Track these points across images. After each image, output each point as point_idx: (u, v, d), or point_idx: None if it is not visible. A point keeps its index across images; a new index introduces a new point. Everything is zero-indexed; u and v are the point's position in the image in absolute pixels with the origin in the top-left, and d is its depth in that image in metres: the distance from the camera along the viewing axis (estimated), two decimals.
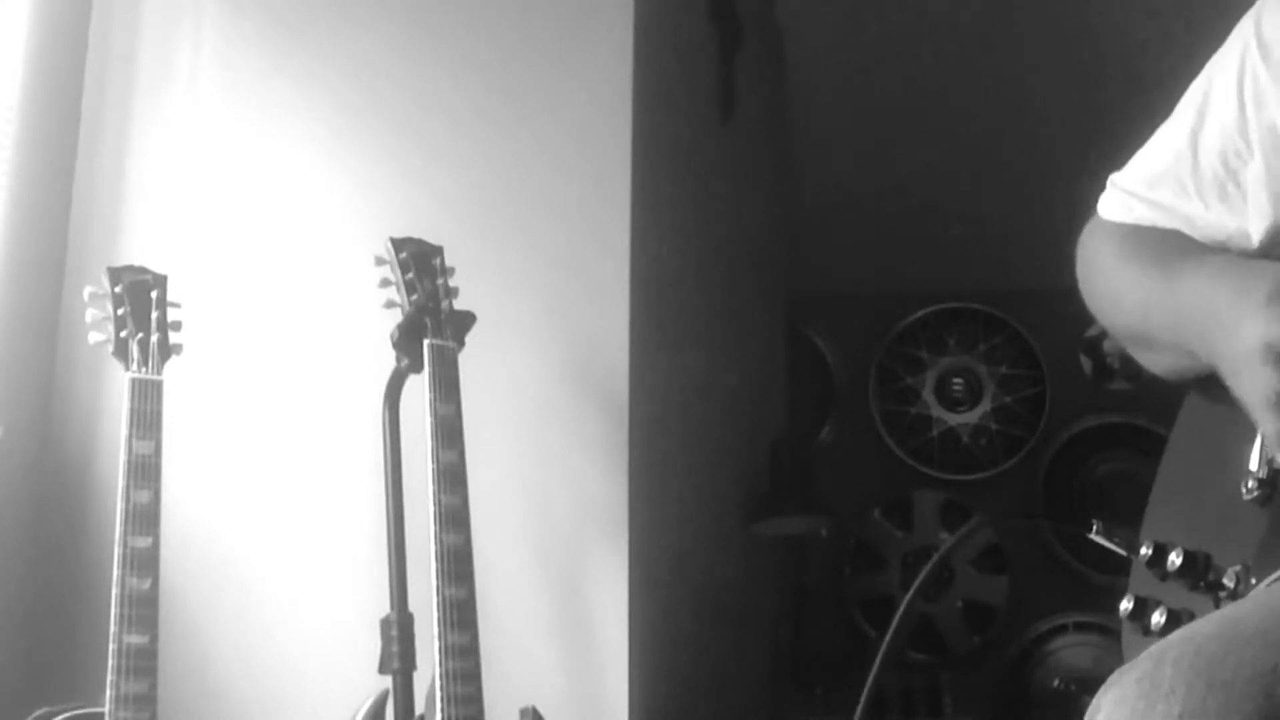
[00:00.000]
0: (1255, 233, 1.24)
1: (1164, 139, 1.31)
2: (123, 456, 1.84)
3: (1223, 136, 1.25)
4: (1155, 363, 1.26)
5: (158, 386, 1.90)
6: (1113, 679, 0.93)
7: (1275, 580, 1.09)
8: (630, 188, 2.27)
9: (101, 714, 1.77)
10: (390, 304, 2.00)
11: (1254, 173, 1.23)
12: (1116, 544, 1.24)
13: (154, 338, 1.92)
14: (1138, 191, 1.32)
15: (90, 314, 1.94)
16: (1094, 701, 0.93)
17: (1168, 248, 1.25)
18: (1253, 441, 1.16)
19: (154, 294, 1.96)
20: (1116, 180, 1.35)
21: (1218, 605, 1.11)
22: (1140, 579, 1.20)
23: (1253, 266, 1.14)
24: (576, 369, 2.24)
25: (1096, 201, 1.38)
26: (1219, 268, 1.16)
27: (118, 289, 1.94)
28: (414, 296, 1.98)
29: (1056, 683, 4.27)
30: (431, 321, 1.98)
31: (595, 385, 2.23)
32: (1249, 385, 1.09)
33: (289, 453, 2.26)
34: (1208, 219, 1.26)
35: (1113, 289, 1.31)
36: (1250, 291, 1.09)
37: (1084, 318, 1.37)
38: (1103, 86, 3.82)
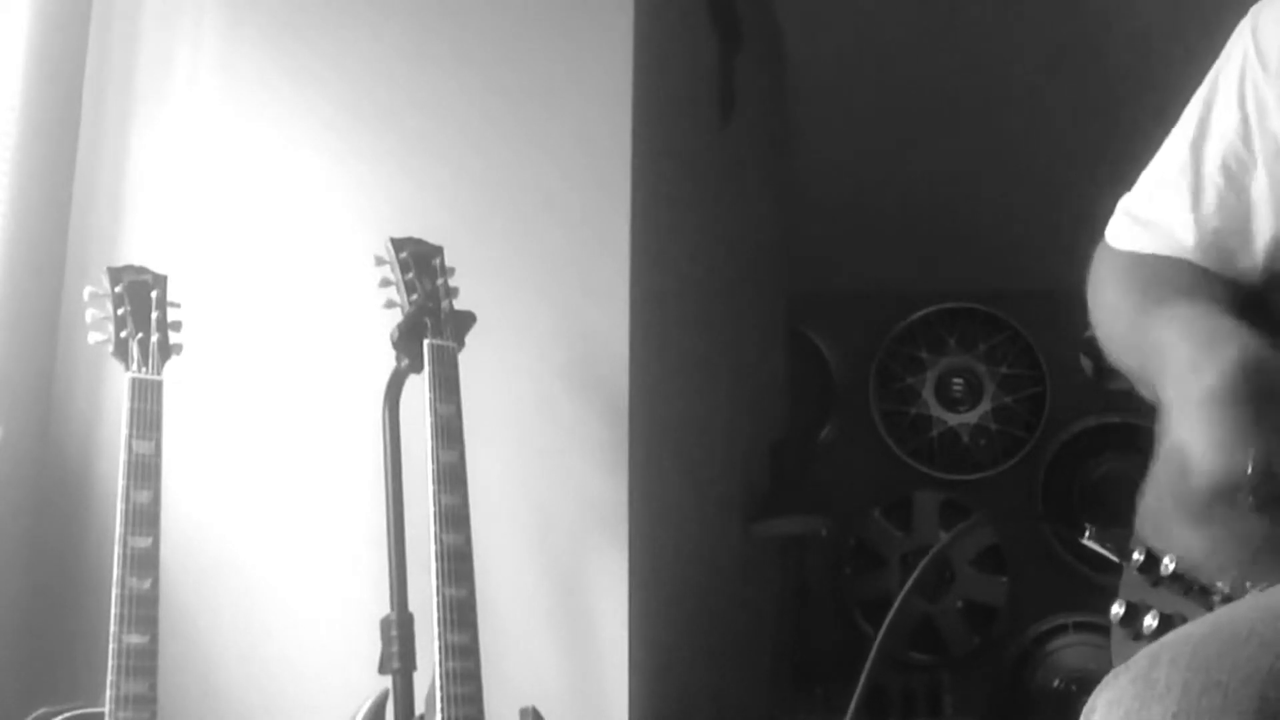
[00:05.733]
0: (1259, 248, 1.24)
1: (1168, 152, 1.31)
2: (123, 456, 1.84)
3: (1225, 146, 1.25)
4: (1147, 393, 1.27)
5: (158, 386, 1.90)
6: (1107, 679, 0.93)
7: (1269, 584, 1.08)
8: (630, 188, 2.27)
9: (101, 714, 1.77)
10: (390, 304, 2.00)
11: (1258, 184, 1.23)
12: (1109, 549, 1.23)
13: (154, 338, 1.92)
14: (1138, 213, 1.32)
15: (90, 314, 1.94)
16: (1089, 702, 0.93)
17: (1156, 284, 1.26)
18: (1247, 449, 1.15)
19: (154, 294, 1.96)
20: (1124, 204, 1.35)
21: (1211, 610, 1.11)
22: (1131, 584, 1.20)
23: (1209, 330, 1.13)
24: (576, 369, 2.24)
25: (1103, 210, 1.38)
26: (1183, 324, 1.16)
27: (118, 289, 1.94)
28: (414, 296, 1.98)
29: (1056, 683, 4.27)
30: (431, 321, 1.98)
31: (595, 385, 2.23)
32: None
33: (289, 452, 2.26)
34: (1202, 236, 1.26)
35: (1106, 320, 1.32)
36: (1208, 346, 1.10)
37: (1084, 318, 1.37)
38: (1105, 87, 3.82)
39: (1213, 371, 1.07)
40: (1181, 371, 1.11)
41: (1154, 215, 1.29)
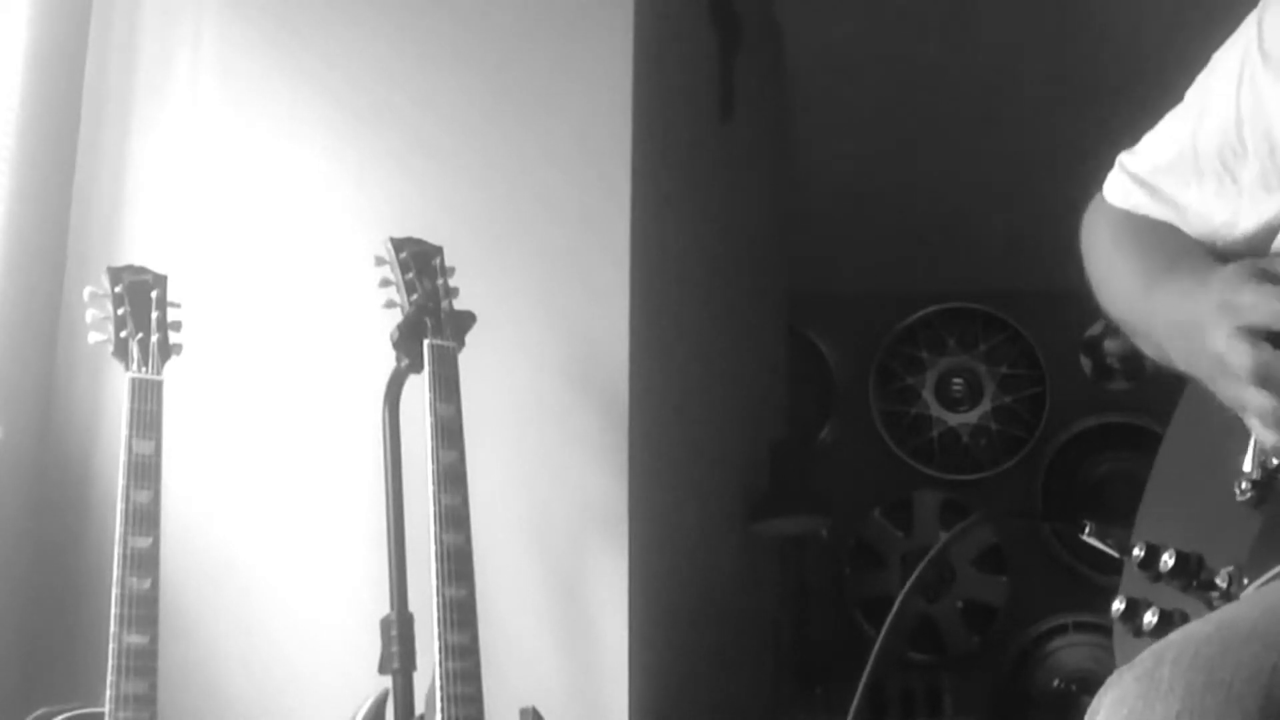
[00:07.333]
0: (1241, 235, 1.25)
1: (1169, 131, 1.33)
2: (123, 456, 1.84)
3: (1221, 136, 1.27)
4: (1146, 348, 1.28)
5: (158, 386, 1.90)
6: (1112, 679, 0.93)
7: (1269, 580, 1.09)
8: (630, 188, 2.27)
9: (101, 714, 1.77)
10: (390, 304, 2.00)
11: (1248, 173, 1.25)
12: (1109, 545, 1.24)
13: (154, 338, 1.92)
14: (1140, 176, 1.34)
15: (90, 314, 1.94)
16: (1094, 702, 0.93)
17: (1155, 247, 1.28)
18: (1246, 443, 1.16)
19: (154, 294, 1.96)
20: (1124, 162, 1.36)
21: (1210, 606, 1.11)
22: (1132, 580, 1.20)
23: (1208, 278, 1.17)
24: (576, 369, 2.24)
25: (1104, 177, 1.39)
26: (1185, 288, 1.20)
27: (118, 289, 1.94)
28: (414, 296, 1.98)
29: (1056, 683, 4.27)
30: (431, 321, 1.98)
31: (595, 385, 2.23)
32: (1208, 366, 1.13)
33: (289, 453, 2.26)
34: (1200, 210, 1.28)
35: (1105, 275, 1.34)
36: (1206, 295, 1.14)
37: (1084, 318, 1.38)
38: (1104, 87, 3.82)
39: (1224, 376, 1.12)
40: (1197, 356, 1.16)
41: (1156, 184, 1.32)
